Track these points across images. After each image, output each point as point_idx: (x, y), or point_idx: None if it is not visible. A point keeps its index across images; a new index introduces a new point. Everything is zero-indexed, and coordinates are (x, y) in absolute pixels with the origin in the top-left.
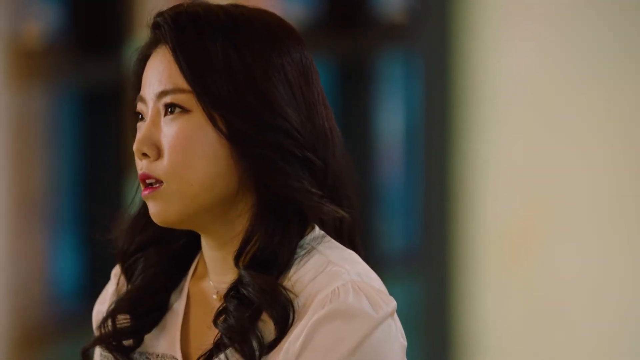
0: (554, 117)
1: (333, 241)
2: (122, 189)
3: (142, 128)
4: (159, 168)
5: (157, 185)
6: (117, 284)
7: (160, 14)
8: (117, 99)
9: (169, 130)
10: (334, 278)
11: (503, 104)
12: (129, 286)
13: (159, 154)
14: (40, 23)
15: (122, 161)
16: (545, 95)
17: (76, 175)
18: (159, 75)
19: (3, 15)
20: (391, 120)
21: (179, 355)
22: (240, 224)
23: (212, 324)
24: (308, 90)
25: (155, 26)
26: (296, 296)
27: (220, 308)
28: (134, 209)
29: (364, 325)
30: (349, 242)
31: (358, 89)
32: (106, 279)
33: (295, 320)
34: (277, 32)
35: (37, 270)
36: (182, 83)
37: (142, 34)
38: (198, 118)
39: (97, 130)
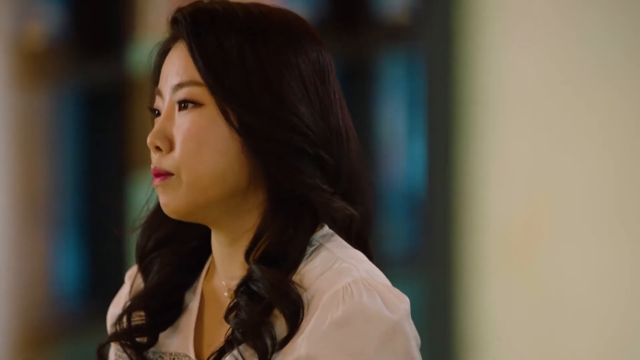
0: (556, 118)
1: (340, 240)
2: (125, 189)
3: (157, 122)
4: (170, 161)
5: (166, 176)
6: (132, 286)
7: (179, 10)
8: (119, 100)
9: (182, 123)
10: (342, 274)
11: (506, 105)
12: (144, 285)
13: (171, 147)
14: (43, 24)
15: (124, 162)
16: (548, 95)
17: (79, 176)
18: (176, 69)
19: (6, 16)
20: (394, 120)
21: (191, 354)
22: (251, 219)
23: (223, 320)
24: (323, 89)
25: (174, 22)
26: (304, 290)
27: (232, 304)
28: (151, 206)
29: (382, 325)
30: (358, 242)
31: (360, 89)
32: (109, 278)
33: (304, 315)
34: (295, 31)
35: (40, 271)
36: (197, 77)
37: (144, 35)
38: (211, 112)
39: (100, 131)
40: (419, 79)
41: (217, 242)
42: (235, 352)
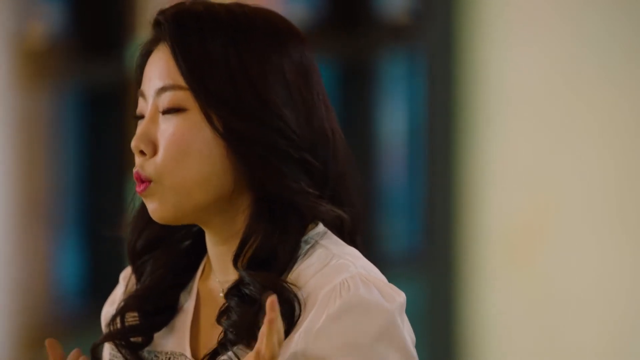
0: (557, 118)
1: (335, 237)
2: (125, 188)
3: (140, 125)
4: (152, 166)
5: (147, 184)
6: (126, 286)
7: (161, 12)
8: (120, 99)
9: (166, 127)
10: (339, 270)
11: (507, 104)
12: (138, 286)
13: (155, 151)
14: (44, 23)
15: (124, 161)
16: (549, 95)
17: (79, 175)
18: (159, 72)
19: (7, 15)
20: (394, 120)
21: (187, 353)
22: (240, 221)
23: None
24: (307, 91)
25: (156, 24)
26: (299, 288)
27: (223, 307)
28: (137, 204)
29: (380, 315)
30: (351, 242)
31: (361, 89)
32: (109, 278)
33: (301, 312)
34: (278, 32)
35: (41, 270)
36: (180, 80)
37: (144, 35)
38: (195, 116)
39: (100, 131)
40: (419, 79)
41: (210, 241)
42: (230, 353)
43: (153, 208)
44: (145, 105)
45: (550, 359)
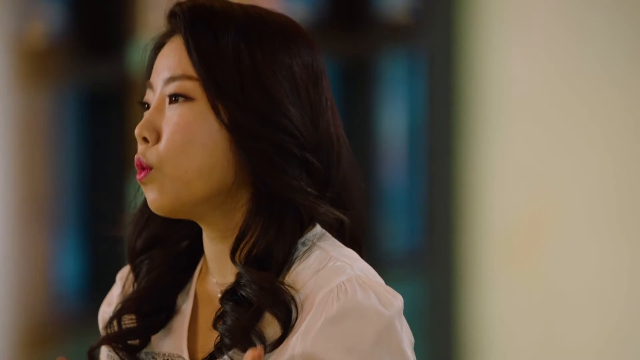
0: (557, 118)
1: (333, 239)
2: (125, 189)
3: (146, 114)
4: (154, 154)
5: (147, 171)
6: (123, 287)
7: (178, 4)
8: (120, 99)
9: (171, 116)
10: (337, 273)
11: (507, 104)
12: (135, 287)
13: (158, 139)
14: (44, 23)
15: (124, 161)
16: (550, 95)
17: (79, 175)
18: (169, 63)
19: (7, 15)
20: (395, 120)
21: (185, 354)
22: (238, 216)
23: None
24: (316, 95)
25: (172, 15)
26: (296, 291)
27: (219, 312)
28: (139, 201)
29: (377, 320)
30: (353, 246)
31: (361, 89)
32: (109, 278)
33: (298, 315)
34: (291, 34)
35: (41, 270)
36: (190, 71)
37: (144, 35)
38: (201, 107)
39: (100, 131)
40: (420, 79)
41: (207, 239)
42: (225, 357)
43: (152, 198)
44: (152, 96)
45: (550, 358)
